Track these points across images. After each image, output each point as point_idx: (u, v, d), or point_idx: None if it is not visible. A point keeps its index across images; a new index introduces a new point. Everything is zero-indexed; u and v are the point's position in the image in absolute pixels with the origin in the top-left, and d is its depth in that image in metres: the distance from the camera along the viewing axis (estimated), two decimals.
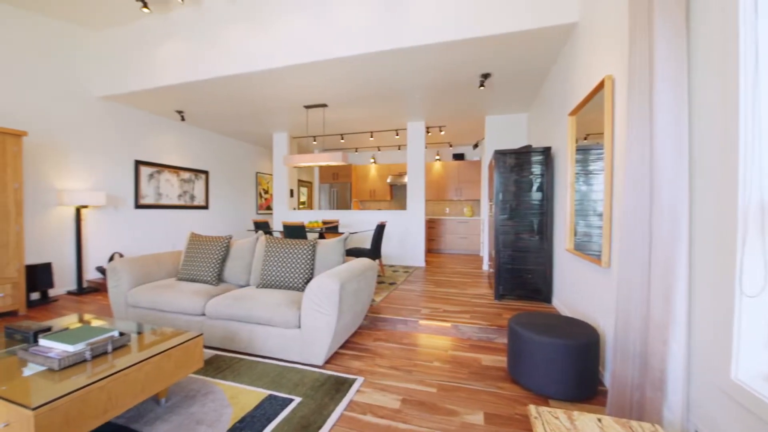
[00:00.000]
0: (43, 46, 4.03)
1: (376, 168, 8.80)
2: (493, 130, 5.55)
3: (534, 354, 1.91)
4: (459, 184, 8.00)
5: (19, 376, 1.44)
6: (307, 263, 2.74)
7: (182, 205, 6.12)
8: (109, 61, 4.43)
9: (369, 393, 1.96)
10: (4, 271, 3.32)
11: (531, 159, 3.56)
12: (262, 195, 8.49)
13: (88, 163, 4.59)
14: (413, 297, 3.81)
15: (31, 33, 3.92)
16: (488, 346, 2.64)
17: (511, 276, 3.65)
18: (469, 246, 7.61)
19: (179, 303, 2.61)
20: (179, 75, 4.04)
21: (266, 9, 3.65)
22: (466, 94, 4.50)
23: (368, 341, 2.71)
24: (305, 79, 4.02)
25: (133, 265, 2.94)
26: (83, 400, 1.34)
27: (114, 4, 3.80)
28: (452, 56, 3.41)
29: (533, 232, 3.57)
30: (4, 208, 3.32)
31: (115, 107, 4.91)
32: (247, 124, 6.16)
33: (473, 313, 3.23)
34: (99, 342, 1.61)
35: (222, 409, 1.77)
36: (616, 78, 2.04)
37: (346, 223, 6.53)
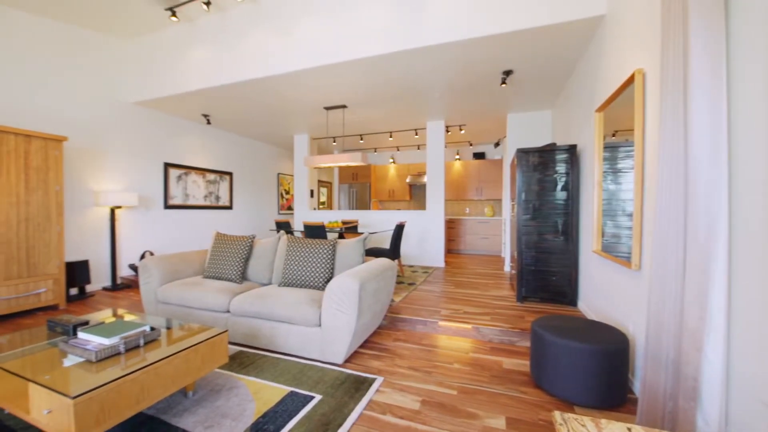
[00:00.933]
0: (81, 56, 4.28)
1: (395, 168, 8.79)
2: (515, 128, 5.42)
3: (559, 359, 1.85)
4: (479, 183, 7.87)
5: (60, 367, 1.54)
6: (327, 263, 2.77)
7: (208, 206, 6.34)
8: (140, 68, 4.65)
9: (388, 393, 1.96)
10: (46, 268, 3.54)
11: (555, 157, 3.46)
12: (283, 195, 8.67)
13: (122, 165, 4.84)
14: (433, 298, 3.78)
15: (70, 44, 4.17)
16: (510, 350, 2.58)
17: (535, 278, 3.56)
18: (489, 246, 7.47)
19: (205, 300, 2.70)
20: (205, 80, 4.19)
21: (287, 14, 3.72)
22: (487, 91, 4.42)
23: (388, 341, 2.71)
24: (325, 81, 4.07)
25: (163, 263, 3.07)
26: (118, 390, 1.41)
27: (144, 14, 3.98)
28: (472, 54, 3.36)
29: (558, 232, 3.46)
30: (47, 210, 3.54)
31: (146, 112, 5.15)
32: (269, 126, 6.30)
33: (494, 315, 3.17)
34: (132, 336, 1.69)
35: (246, 403, 1.82)
36: (647, 72, 1.95)
37: (365, 223, 6.56)
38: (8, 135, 3.24)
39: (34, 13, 3.80)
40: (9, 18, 3.64)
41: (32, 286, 3.42)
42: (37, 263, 3.47)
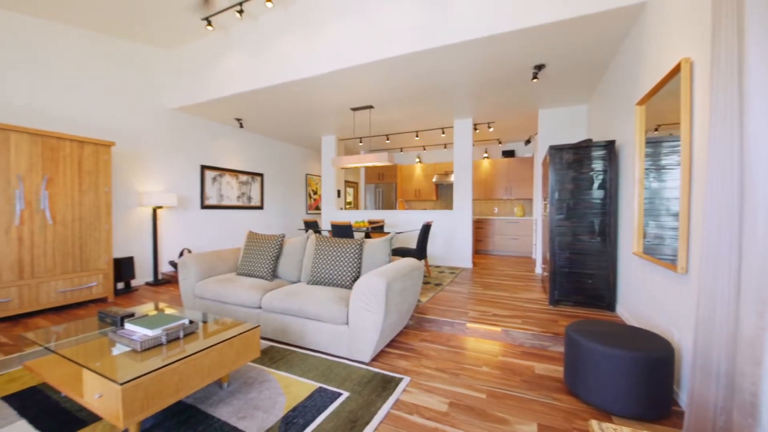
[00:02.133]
0: (126, 66, 4.59)
1: (422, 167, 8.73)
2: (547, 125, 5.23)
3: (596, 366, 1.76)
4: (509, 182, 7.65)
5: (109, 355, 1.66)
6: (354, 262, 2.80)
7: (240, 206, 6.61)
8: (179, 76, 4.92)
9: (415, 393, 1.95)
10: (97, 264, 3.83)
11: (592, 154, 3.29)
12: (311, 196, 8.86)
13: (162, 168, 5.14)
14: (460, 299, 3.72)
15: (116, 55, 4.48)
16: (542, 354, 2.49)
17: (568, 280, 3.41)
18: (519, 247, 7.25)
19: (239, 296, 2.82)
20: (238, 85, 4.37)
21: (314, 18, 3.80)
22: (517, 87, 4.29)
23: (414, 341, 2.70)
24: (352, 82, 4.11)
25: (200, 260, 3.23)
26: (160, 379, 1.50)
27: (183, 25, 4.20)
28: (501, 49, 3.27)
29: (594, 233, 3.30)
30: (97, 209, 3.83)
31: (184, 117, 5.44)
32: (298, 128, 6.46)
33: (525, 319, 3.07)
34: (173, 328, 1.80)
35: (276, 397, 1.88)
36: (694, 61, 1.81)
37: (391, 223, 6.57)
38: (64, 141, 3.54)
39: (86, 28, 4.12)
40: (65, 34, 3.98)
41: (85, 279, 3.71)
42: (89, 259, 3.76)
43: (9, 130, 3.16)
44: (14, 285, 3.21)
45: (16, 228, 3.22)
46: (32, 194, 3.31)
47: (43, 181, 3.38)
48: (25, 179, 3.26)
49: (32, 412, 1.75)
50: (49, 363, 1.89)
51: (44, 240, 3.40)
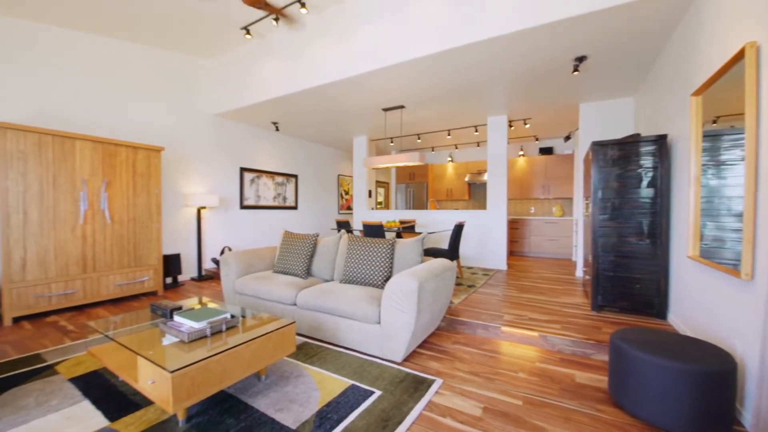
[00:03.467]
0: (173, 76, 4.93)
1: (454, 167, 8.59)
2: (589, 119, 4.94)
3: (645, 377, 1.64)
4: (547, 180, 7.33)
5: (160, 345, 1.79)
6: (386, 261, 2.81)
7: (276, 206, 6.86)
8: (220, 83, 5.20)
9: (448, 396, 1.93)
10: (148, 260, 4.15)
11: (639, 150, 3.07)
12: (343, 196, 9.01)
13: (206, 170, 5.46)
14: (494, 301, 3.62)
15: (164, 67, 4.82)
16: (583, 362, 2.36)
17: (613, 285, 3.20)
18: (558, 249, 6.92)
19: (275, 293, 2.93)
20: (275, 90, 4.54)
21: (346, 21, 3.86)
22: (555, 81, 4.10)
23: (446, 343, 2.66)
24: (384, 83, 4.13)
25: (240, 258, 3.40)
26: (205, 369, 1.59)
27: (224, 35, 4.44)
28: (538, 42, 3.14)
29: (642, 234, 3.07)
30: (148, 210, 4.14)
31: (225, 122, 5.74)
32: (331, 129, 6.60)
33: (565, 324, 2.92)
34: (216, 322, 1.90)
35: (311, 391, 1.93)
36: (761, 45, 1.63)
37: (422, 223, 6.52)
38: (120, 147, 3.86)
39: (139, 43, 4.47)
40: (121, 49, 4.34)
41: (138, 274, 4.03)
42: (142, 255, 4.08)
43: (75, 139, 3.50)
44: (79, 278, 3.55)
45: (81, 227, 3.56)
46: (94, 196, 3.64)
47: (103, 184, 3.71)
48: (88, 182, 3.60)
49: (94, 393, 1.92)
50: (108, 350, 2.07)
51: (104, 238, 3.74)
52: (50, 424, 1.65)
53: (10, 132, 3.11)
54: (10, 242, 3.11)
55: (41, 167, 3.29)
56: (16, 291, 3.15)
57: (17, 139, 3.15)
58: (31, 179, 3.23)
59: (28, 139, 3.21)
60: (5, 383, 2.04)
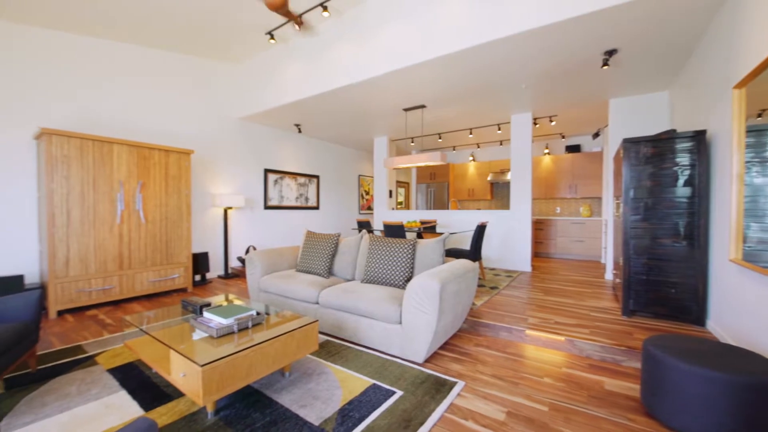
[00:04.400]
0: (201, 81, 5.12)
1: (475, 166, 8.45)
2: (619, 115, 4.73)
3: (682, 387, 1.56)
4: (573, 179, 7.08)
5: (190, 339, 1.86)
6: (407, 262, 2.81)
7: (298, 206, 7.00)
8: (245, 87, 5.36)
9: (470, 399, 1.90)
10: (179, 257, 4.33)
11: (675, 146, 2.91)
12: (363, 196, 9.06)
13: (232, 172, 5.65)
14: (518, 304, 3.53)
15: (193, 72, 5.02)
16: (613, 369, 2.26)
17: (646, 289, 3.05)
18: (586, 251, 6.66)
19: (299, 291, 2.98)
20: (297, 93, 4.63)
21: (367, 22, 3.88)
22: (583, 76, 3.95)
23: (468, 345, 2.63)
24: (404, 83, 4.13)
25: (264, 256, 3.49)
26: (233, 363, 1.65)
27: (249, 40, 4.57)
28: (565, 37, 3.03)
29: (678, 236, 2.91)
30: (179, 210, 4.33)
31: (249, 125, 5.91)
32: (351, 130, 6.66)
33: (593, 329, 2.81)
34: (243, 318, 1.96)
35: (333, 389, 1.95)
36: None
37: (443, 223, 6.46)
38: (154, 151, 4.06)
39: (169, 50, 4.68)
40: (152, 56, 4.55)
41: (169, 271, 4.21)
42: (173, 253, 4.26)
43: (113, 143, 3.71)
44: (116, 274, 3.76)
45: (118, 226, 3.76)
46: (130, 197, 3.85)
47: (138, 186, 3.91)
48: (124, 184, 3.80)
49: (131, 384, 2.03)
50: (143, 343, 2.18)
51: (139, 236, 3.94)
52: (91, 411, 1.76)
53: (55, 138, 3.33)
54: (55, 240, 3.33)
55: (83, 170, 3.51)
56: (60, 286, 3.37)
57: (61, 145, 3.37)
58: (73, 182, 3.45)
59: (71, 144, 3.43)
60: (51, 372, 2.19)
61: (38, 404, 1.82)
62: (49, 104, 3.72)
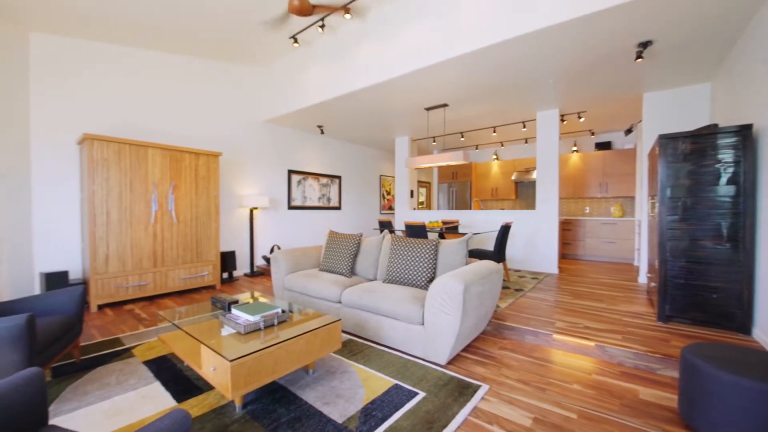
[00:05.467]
0: (228, 86, 5.30)
1: (499, 165, 8.28)
2: (654, 110, 4.50)
3: (725, 399, 1.46)
4: (604, 178, 6.79)
5: (219, 335, 1.93)
6: (429, 262, 2.79)
7: (321, 206, 7.10)
8: (270, 90, 5.50)
9: (495, 403, 1.86)
10: (208, 256, 4.50)
11: (717, 142, 2.73)
12: (384, 196, 9.08)
13: (257, 173, 5.81)
14: (544, 307, 3.43)
15: (220, 77, 5.20)
16: (648, 377, 2.15)
17: (684, 293, 2.88)
18: (617, 252, 6.37)
19: (322, 290, 3.03)
20: (320, 94, 4.70)
21: (389, 23, 3.88)
22: (615, 70, 3.78)
23: (493, 348, 2.57)
24: (426, 82, 4.10)
25: (289, 256, 3.56)
26: (260, 359, 1.69)
27: (273, 45, 4.68)
28: (595, 29, 2.91)
29: (720, 238, 2.73)
30: (208, 210, 4.50)
31: (274, 127, 6.06)
32: (373, 131, 6.69)
33: (626, 335, 2.68)
34: (269, 316, 2.01)
35: (356, 388, 1.97)
36: None
37: (466, 224, 6.37)
38: (184, 153, 4.24)
39: (198, 56, 4.87)
40: (182, 64, 4.76)
41: (199, 269, 4.39)
42: (202, 252, 4.44)
43: (147, 147, 3.91)
44: (150, 271, 3.95)
45: (152, 226, 3.96)
46: (163, 198, 4.04)
47: (170, 187, 4.09)
48: (158, 186, 3.99)
49: (164, 376, 2.13)
50: (175, 337, 2.28)
51: (171, 235, 4.12)
52: (128, 401, 1.86)
53: (96, 142, 3.55)
54: (95, 239, 3.55)
55: (120, 173, 3.71)
56: (100, 281, 3.58)
57: (101, 149, 3.58)
58: (112, 184, 3.66)
59: (110, 148, 3.64)
60: (93, 362, 2.33)
61: (81, 392, 1.95)
62: (90, 110, 3.97)
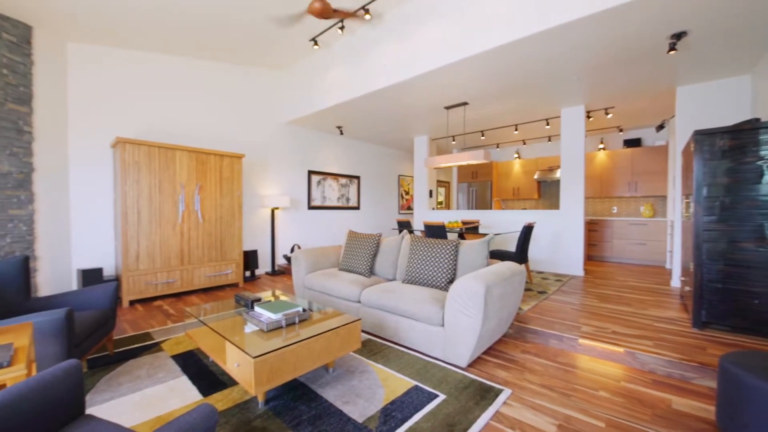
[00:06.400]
0: (253, 90, 5.44)
1: (521, 163, 8.08)
2: (688, 104, 4.26)
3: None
4: (633, 176, 6.50)
5: (243, 332, 1.97)
6: (449, 263, 2.75)
7: (340, 206, 7.17)
8: (291, 92, 5.59)
9: (518, 408, 1.81)
10: (231, 255, 4.63)
11: (759, 138, 2.56)
12: (403, 196, 9.06)
13: (278, 174, 5.93)
14: (569, 310, 3.32)
15: (243, 81, 5.34)
16: (682, 387, 2.04)
17: (722, 299, 2.71)
18: (647, 255, 6.09)
19: (341, 290, 3.05)
20: (340, 95, 4.74)
21: (408, 22, 3.86)
22: (645, 63, 3.61)
23: (515, 352, 2.51)
24: (446, 81, 4.05)
25: (309, 255, 3.61)
26: (282, 357, 1.72)
27: (295, 48, 4.75)
28: (625, 22, 2.79)
29: (763, 239, 2.55)
30: (232, 210, 4.63)
31: (295, 129, 6.17)
32: (391, 131, 6.68)
33: (658, 341, 2.56)
34: (290, 314, 2.05)
35: (376, 388, 1.97)
36: None
37: (486, 224, 6.26)
38: (209, 155, 4.37)
39: (221, 61, 5.01)
40: (206, 68, 4.91)
41: (223, 267, 4.52)
42: (226, 251, 4.57)
43: (175, 149, 4.06)
44: (178, 269, 4.10)
45: (179, 225, 4.11)
46: (189, 198, 4.18)
47: (196, 188, 4.24)
48: (185, 186, 4.14)
49: (191, 370, 2.20)
50: (201, 333, 2.36)
51: (197, 235, 4.27)
52: (158, 393, 1.94)
53: (128, 146, 3.72)
54: (127, 238, 3.72)
55: (150, 174, 3.87)
56: (132, 278, 3.75)
57: (133, 152, 3.75)
58: (143, 185, 3.82)
59: (140, 151, 3.80)
60: (125, 355, 2.44)
61: (115, 384, 2.04)
62: (122, 115, 4.16)
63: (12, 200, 3.27)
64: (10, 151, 3.25)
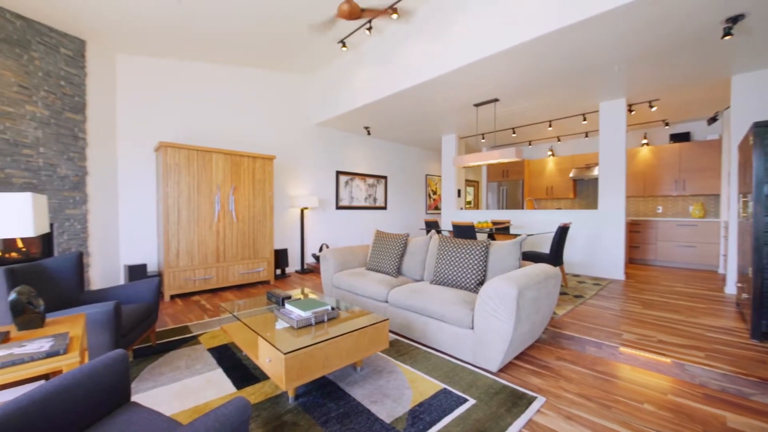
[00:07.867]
0: (283, 93, 5.59)
1: (555, 161, 7.74)
2: (746, 94, 3.89)
3: None
4: (680, 173, 6.03)
5: (274, 328, 2.03)
6: (479, 264, 2.68)
7: (367, 206, 7.21)
8: (319, 95, 5.69)
9: (552, 417, 1.73)
10: (263, 253, 4.78)
11: None
12: (430, 196, 8.96)
13: (307, 174, 6.06)
14: (608, 316, 3.13)
15: (274, 86, 5.50)
16: (738, 403, 1.86)
17: None
18: (697, 258, 5.62)
19: (368, 289, 3.06)
20: (368, 96, 4.76)
21: (437, 18, 3.80)
22: (695, 50, 3.33)
23: (549, 358, 2.40)
24: (476, 77, 3.95)
25: (337, 254, 3.66)
26: (311, 354, 1.75)
27: (323, 51, 4.83)
28: (674, 6, 2.58)
29: None
30: (263, 210, 4.78)
31: (324, 130, 6.28)
32: (419, 130, 6.63)
33: (711, 353, 2.35)
34: (320, 312, 2.08)
35: (403, 389, 1.95)
36: None
37: (518, 224, 6.05)
38: (243, 158, 4.55)
39: (254, 67, 5.19)
40: (240, 74, 5.11)
41: (256, 265, 4.68)
42: (258, 249, 4.73)
43: (212, 152, 4.26)
44: (214, 266, 4.30)
45: (215, 224, 4.30)
46: (225, 199, 4.37)
47: (231, 189, 4.42)
48: (221, 187, 4.33)
49: (226, 363, 2.29)
50: (235, 328, 2.45)
51: (231, 234, 4.45)
52: (196, 384, 2.03)
53: (169, 149, 3.94)
54: (168, 236, 3.95)
55: (189, 176, 4.09)
56: (172, 274, 3.98)
57: (173, 155, 3.97)
58: (182, 186, 4.04)
59: (180, 154, 4.02)
60: (167, 347, 2.59)
61: (157, 373, 2.17)
62: (164, 120, 4.42)
63: (69, 201, 3.57)
64: (67, 156, 3.55)
